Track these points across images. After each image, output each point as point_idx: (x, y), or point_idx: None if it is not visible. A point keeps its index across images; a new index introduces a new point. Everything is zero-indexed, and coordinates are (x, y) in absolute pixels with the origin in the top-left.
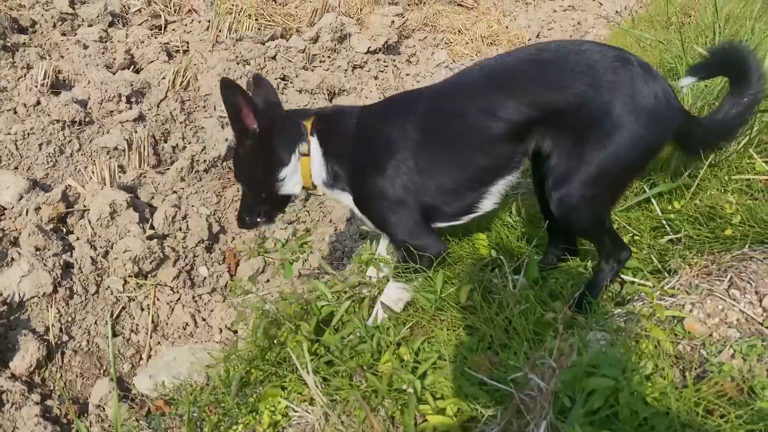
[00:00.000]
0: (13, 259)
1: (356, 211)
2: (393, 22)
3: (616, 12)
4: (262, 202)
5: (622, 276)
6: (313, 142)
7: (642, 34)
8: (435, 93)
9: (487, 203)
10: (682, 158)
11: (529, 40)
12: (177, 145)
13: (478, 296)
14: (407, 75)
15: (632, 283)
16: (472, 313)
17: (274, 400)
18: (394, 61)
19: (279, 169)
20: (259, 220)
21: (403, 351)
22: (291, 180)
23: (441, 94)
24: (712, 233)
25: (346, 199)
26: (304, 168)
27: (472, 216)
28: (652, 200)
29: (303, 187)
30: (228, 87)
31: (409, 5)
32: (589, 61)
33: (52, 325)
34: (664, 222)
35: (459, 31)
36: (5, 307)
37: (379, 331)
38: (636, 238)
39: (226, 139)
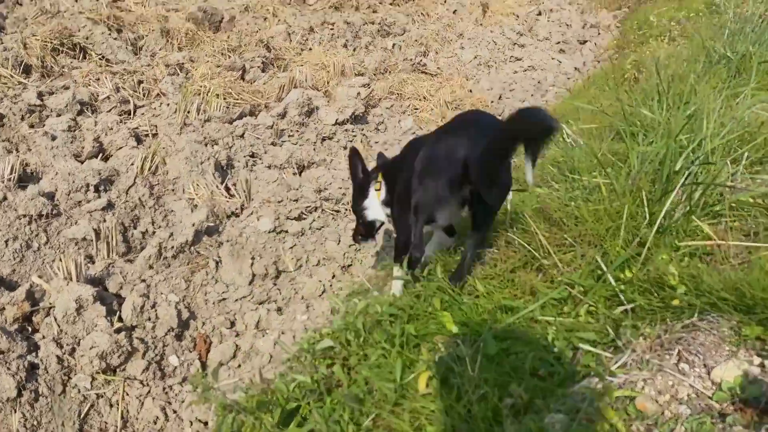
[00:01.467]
0: None
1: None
2: (359, 93)
3: (575, 69)
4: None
5: (579, 346)
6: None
7: (584, 105)
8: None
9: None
10: (631, 226)
11: (492, 102)
12: (147, 230)
13: (437, 383)
14: (376, 143)
15: (588, 352)
16: (431, 401)
17: None
18: (363, 130)
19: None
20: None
21: None
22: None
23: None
24: (662, 302)
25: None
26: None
27: None
28: (606, 272)
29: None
30: (354, 153)
31: (375, 75)
32: None
33: (17, 430)
34: (617, 291)
35: (424, 98)
36: None
37: (341, 426)
38: (591, 308)
39: (193, 224)
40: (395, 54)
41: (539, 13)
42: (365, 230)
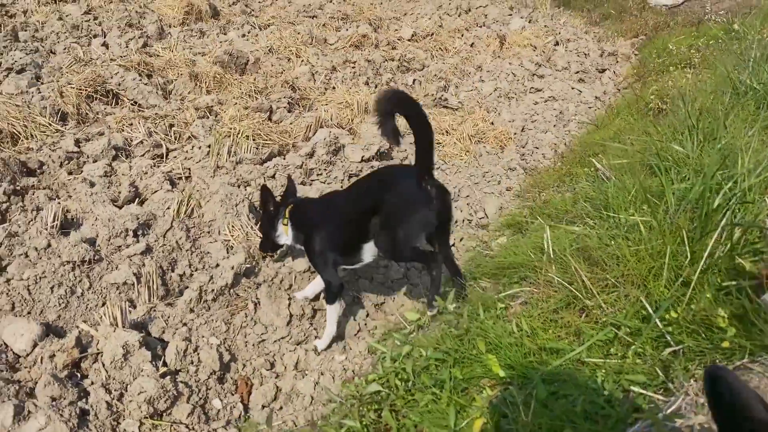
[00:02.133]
0: (30, 412)
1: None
2: None
3: (596, 98)
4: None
5: (631, 388)
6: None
7: (613, 144)
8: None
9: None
10: (673, 265)
11: (515, 134)
12: (184, 273)
13: (491, 429)
14: None
15: (640, 395)
16: None
17: None
18: None
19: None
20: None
21: None
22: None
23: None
24: (711, 343)
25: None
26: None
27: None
28: (653, 314)
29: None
30: (264, 189)
31: None
32: None
33: None
34: (664, 333)
35: (447, 132)
36: None
37: None
38: (639, 350)
39: (232, 267)
40: (416, 89)
41: (556, 44)
42: (273, 247)
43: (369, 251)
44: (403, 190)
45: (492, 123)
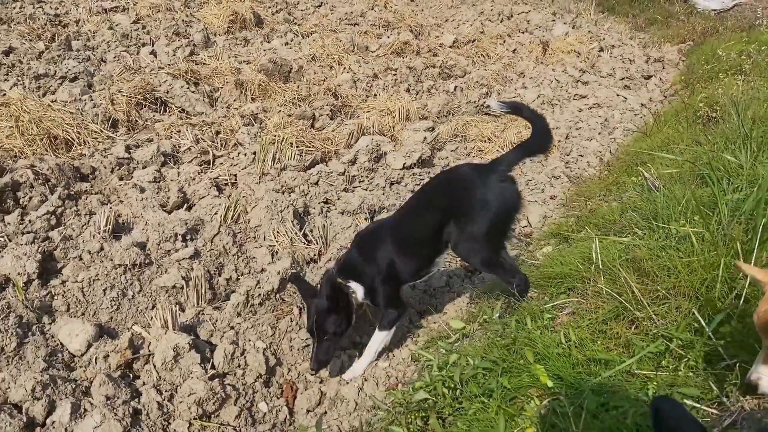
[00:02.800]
0: (85, 410)
1: None
2: (425, 137)
3: (642, 105)
4: None
5: (684, 401)
6: None
7: (663, 154)
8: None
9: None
10: (726, 277)
11: (559, 141)
12: (231, 277)
13: None
14: None
15: (693, 409)
16: None
17: None
18: (429, 173)
19: None
20: None
21: None
22: None
23: None
24: None
25: None
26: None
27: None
28: (707, 328)
29: None
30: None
31: (438, 118)
32: None
33: None
34: (718, 347)
35: (489, 139)
36: None
37: None
38: (691, 363)
39: (278, 272)
40: (458, 96)
41: (601, 50)
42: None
43: (440, 262)
44: (482, 191)
45: None
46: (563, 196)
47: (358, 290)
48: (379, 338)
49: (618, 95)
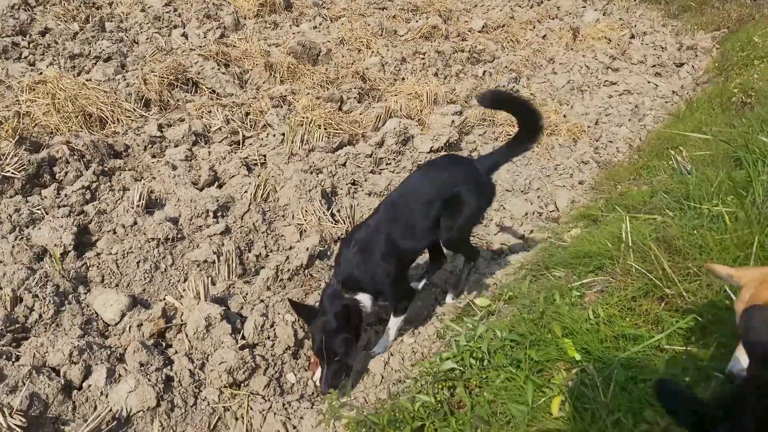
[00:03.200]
0: (120, 375)
1: None
2: (453, 121)
3: (673, 92)
4: None
5: (716, 374)
6: None
7: (699, 135)
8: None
9: None
10: (760, 256)
11: (588, 127)
12: (260, 254)
13: (569, 407)
14: None
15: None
16: (565, 424)
17: None
18: None
19: None
20: None
21: None
22: None
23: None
24: None
25: None
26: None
27: None
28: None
29: None
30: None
31: (466, 102)
32: None
33: None
34: None
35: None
36: (115, 422)
37: None
38: (722, 340)
39: (307, 248)
40: (486, 81)
41: (632, 37)
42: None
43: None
44: (476, 182)
45: (564, 116)
46: (592, 181)
47: (366, 301)
48: (396, 323)
49: (649, 82)
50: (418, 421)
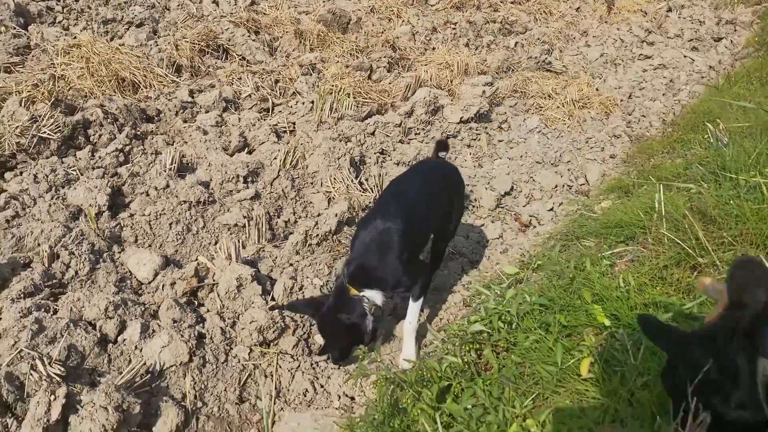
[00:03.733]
0: (153, 330)
1: None
2: (484, 91)
3: (710, 67)
4: None
5: None
6: None
7: (741, 104)
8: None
9: None
10: None
11: (621, 101)
12: (289, 220)
13: (599, 369)
14: (500, 141)
15: None
16: (594, 385)
17: None
18: (486, 128)
19: None
20: None
21: (530, 423)
22: None
23: None
24: None
25: None
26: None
27: None
28: None
29: None
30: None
31: (497, 73)
32: None
33: (188, 392)
34: None
35: (549, 96)
36: (149, 375)
37: (503, 402)
38: None
39: (336, 215)
40: (518, 52)
41: (669, 10)
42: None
43: None
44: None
45: (597, 89)
46: (624, 154)
47: (376, 297)
48: (415, 310)
49: (685, 57)
50: (445, 381)
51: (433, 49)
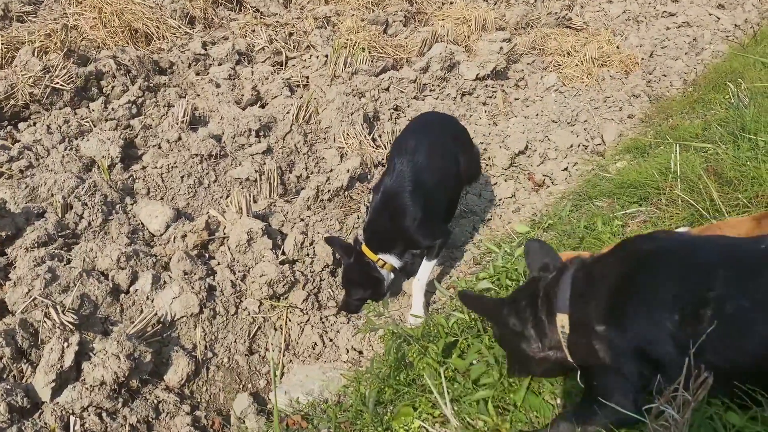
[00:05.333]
0: (165, 282)
1: None
2: (501, 48)
3: (736, 26)
4: None
5: None
6: None
7: (766, 60)
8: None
9: None
10: None
11: (642, 59)
12: (301, 175)
13: None
14: (516, 99)
15: None
16: None
17: (407, 419)
18: (503, 86)
19: None
20: None
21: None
22: None
23: None
24: None
25: None
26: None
27: None
28: None
29: None
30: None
31: (516, 29)
32: None
33: (199, 342)
34: None
35: (568, 54)
36: (160, 325)
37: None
38: None
39: (348, 170)
40: (538, 8)
41: None
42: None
43: None
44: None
45: (618, 47)
46: (642, 115)
47: (392, 260)
48: (428, 268)
49: (710, 14)
50: (452, 337)
51: (451, 3)
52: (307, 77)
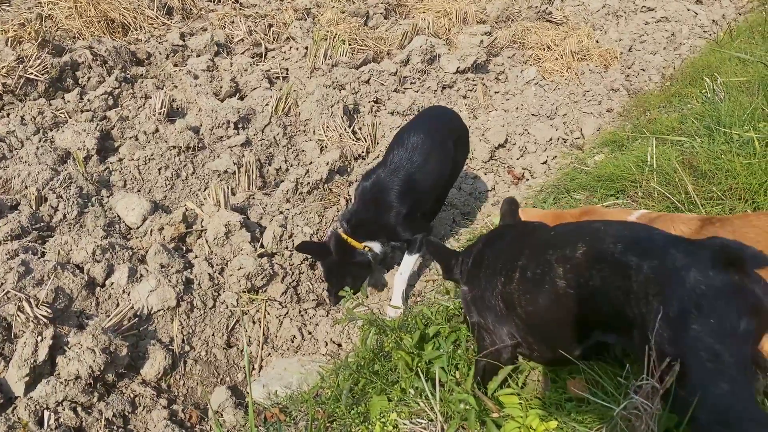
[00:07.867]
0: (141, 275)
1: None
2: (482, 41)
3: (713, 21)
4: None
5: None
6: None
7: (741, 56)
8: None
9: None
10: None
11: (621, 53)
12: (280, 167)
13: None
14: (496, 93)
15: None
16: None
17: (382, 408)
18: (483, 79)
19: None
20: None
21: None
22: None
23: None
24: None
25: None
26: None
27: None
28: None
29: None
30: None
31: (497, 23)
32: None
33: (176, 336)
34: None
35: (548, 47)
36: (136, 319)
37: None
38: None
39: (327, 163)
40: (518, 1)
41: None
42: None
43: None
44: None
45: (597, 41)
46: (620, 108)
47: (375, 247)
48: (410, 262)
49: (688, 10)
50: (435, 327)
51: None
52: (287, 69)
